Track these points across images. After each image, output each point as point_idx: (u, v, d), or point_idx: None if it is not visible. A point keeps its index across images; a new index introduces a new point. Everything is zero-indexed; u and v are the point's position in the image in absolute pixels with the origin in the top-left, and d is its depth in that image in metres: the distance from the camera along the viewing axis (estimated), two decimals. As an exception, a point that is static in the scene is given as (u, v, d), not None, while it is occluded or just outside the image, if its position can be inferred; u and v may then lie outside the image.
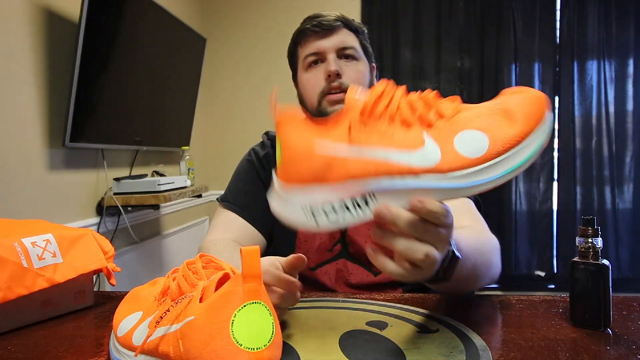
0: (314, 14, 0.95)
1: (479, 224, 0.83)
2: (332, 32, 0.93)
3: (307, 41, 0.94)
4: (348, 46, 0.93)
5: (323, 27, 0.92)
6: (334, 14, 0.94)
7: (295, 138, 0.49)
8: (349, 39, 0.94)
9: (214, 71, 3.09)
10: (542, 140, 0.47)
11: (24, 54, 1.52)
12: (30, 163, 1.55)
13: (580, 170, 3.02)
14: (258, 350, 0.38)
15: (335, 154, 0.47)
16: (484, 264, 0.69)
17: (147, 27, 2.04)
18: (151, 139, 2.19)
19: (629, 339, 0.55)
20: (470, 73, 3.05)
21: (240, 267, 0.40)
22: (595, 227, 0.57)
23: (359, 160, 0.47)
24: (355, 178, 0.47)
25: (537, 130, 0.47)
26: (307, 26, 0.94)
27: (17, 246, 0.64)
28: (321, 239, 0.94)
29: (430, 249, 0.47)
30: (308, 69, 0.94)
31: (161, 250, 2.46)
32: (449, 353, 0.51)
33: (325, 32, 0.92)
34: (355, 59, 0.94)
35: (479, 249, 0.68)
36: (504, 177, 0.46)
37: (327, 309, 0.68)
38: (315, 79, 0.92)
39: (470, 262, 0.63)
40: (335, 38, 0.92)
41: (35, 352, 0.57)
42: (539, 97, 0.48)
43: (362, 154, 0.47)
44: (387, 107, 0.48)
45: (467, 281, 0.66)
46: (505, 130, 0.46)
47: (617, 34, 2.96)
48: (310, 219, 0.48)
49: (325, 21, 0.92)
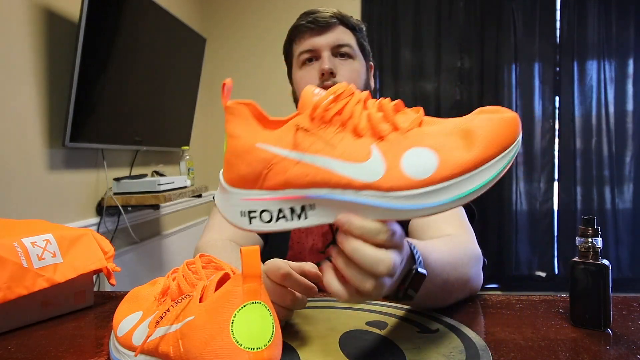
0: (311, 9, 0.93)
1: (463, 234, 0.78)
2: (327, 29, 0.91)
3: (301, 38, 0.92)
4: (343, 44, 0.91)
5: (318, 23, 0.90)
6: (331, 10, 0.92)
7: (240, 136, 0.46)
8: (344, 36, 0.92)
9: (214, 71, 3.09)
10: (501, 168, 0.42)
11: (24, 54, 1.52)
12: (30, 163, 1.55)
13: (581, 170, 3.02)
14: (258, 350, 0.38)
15: (275, 158, 0.44)
16: (458, 279, 0.65)
17: (147, 27, 2.04)
18: (151, 139, 2.19)
19: (629, 339, 0.55)
20: (470, 73, 3.05)
21: (240, 267, 0.40)
22: (595, 227, 0.57)
23: (300, 167, 0.43)
24: (294, 186, 0.44)
25: (499, 157, 0.42)
26: (302, 22, 0.92)
27: (17, 246, 0.64)
28: (314, 240, 0.94)
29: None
30: (302, 66, 0.93)
31: (161, 250, 2.46)
32: (449, 353, 0.51)
33: (320, 29, 0.90)
34: (350, 57, 0.92)
35: (453, 262, 0.64)
36: (449, 203, 0.41)
37: (327, 309, 0.68)
38: (308, 76, 0.91)
39: (442, 278, 0.60)
40: (330, 35, 0.91)
41: (35, 352, 0.57)
42: (510, 120, 0.43)
43: (304, 160, 0.44)
44: (341, 112, 0.45)
45: (437, 297, 0.63)
46: (459, 153, 0.41)
47: (617, 34, 2.96)
48: (245, 220, 0.46)
49: (320, 17, 0.90)
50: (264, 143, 0.45)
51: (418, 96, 3.07)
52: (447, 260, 0.62)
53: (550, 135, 3.06)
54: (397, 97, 3.06)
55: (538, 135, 3.05)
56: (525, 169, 3.06)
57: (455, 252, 0.67)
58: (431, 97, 3.08)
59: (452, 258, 0.64)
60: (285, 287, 0.57)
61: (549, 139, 3.06)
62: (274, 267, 0.56)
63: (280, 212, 0.45)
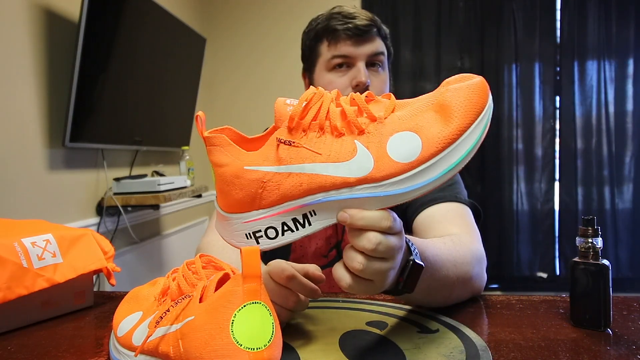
0: (344, 10, 0.89)
1: (467, 234, 0.77)
2: (366, 38, 0.88)
3: (337, 42, 0.89)
4: (378, 53, 0.90)
5: (358, 32, 0.87)
6: (366, 15, 0.90)
7: (226, 163, 0.46)
8: (379, 46, 0.90)
9: (214, 71, 3.09)
10: (480, 132, 0.44)
11: (24, 54, 1.52)
12: (30, 163, 1.55)
13: (581, 170, 3.02)
14: (258, 350, 0.38)
15: (266, 176, 0.44)
16: (459, 277, 0.64)
17: (147, 27, 2.04)
18: (151, 139, 2.19)
19: (629, 339, 0.55)
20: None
21: (240, 267, 0.40)
22: (595, 227, 0.57)
23: (292, 178, 0.44)
24: (291, 198, 0.45)
25: (476, 122, 0.44)
26: (340, 26, 0.88)
27: (17, 246, 0.64)
28: (317, 245, 0.94)
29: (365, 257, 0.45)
30: (332, 70, 0.91)
31: (161, 250, 2.46)
32: (449, 353, 0.51)
33: (360, 39, 0.88)
34: (381, 67, 0.91)
35: (453, 259, 0.64)
36: (442, 177, 0.43)
37: (327, 309, 0.68)
38: (339, 82, 0.89)
39: (441, 274, 0.60)
40: (369, 46, 0.88)
41: (35, 352, 0.57)
42: (478, 85, 0.45)
43: (294, 171, 0.44)
44: (317, 116, 0.45)
45: (437, 294, 0.63)
46: (439, 128, 0.43)
47: (617, 34, 2.96)
48: (252, 242, 0.47)
49: (361, 25, 0.87)
50: (251, 165, 0.45)
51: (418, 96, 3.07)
52: (446, 257, 0.63)
53: (550, 136, 3.06)
54: (397, 97, 3.05)
55: (539, 135, 3.05)
56: (526, 170, 3.06)
57: (456, 249, 0.67)
58: (431, 97, 3.07)
59: (452, 256, 0.64)
60: (288, 289, 0.57)
61: (550, 139, 3.06)
62: (277, 269, 0.56)
63: (284, 225, 0.46)
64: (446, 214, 0.82)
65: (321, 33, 0.92)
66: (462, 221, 0.81)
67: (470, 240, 0.74)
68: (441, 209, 0.83)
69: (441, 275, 0.60)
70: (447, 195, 0.85)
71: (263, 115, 3.04)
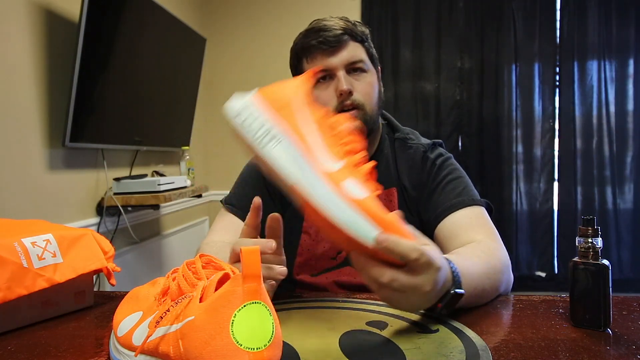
0: (317, 25, 0.90)
1: (492, 240, 0.81)
2: (339, 47, 0.88)
3: (313, 57, 0.90)
4: (357, 60, 0.90)
5: (330, 43, 0.88)
6: (338, 24, 0.90)
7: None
8: (356, 52, 0.90)
9: (214, 71, 3.09)
10: None
11: (24, 54, 1.52)
12: (30, 163, 1.55)
13: (581, 170, 3.02)
14: (258, 350, 0.38)
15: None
16: (492, 287, 0.70)
17: (147, 27, 2.04)
18: (151, 139, 2.19)
19: (629, 339, 0.55)
20: (470, 73, 3.05)
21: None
22: (595, 227, 0.57)
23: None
24: None
25: None
26: (312, 42, 0.89)
27: (17, 246, 0.64)
28: (324, 248, 0.94)
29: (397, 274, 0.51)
30: (317, 84, 0.91)
31: (161, 250, 2.46)
32: (449, 353, 0.51)
33: (332, 49, 0.88)
34: (364, 71, 0.91)
35: (487, 272, 0.69)
36: None
37: (327, 309, 0.68)
38: (325, 95, 0.89)
39: (478, 290, 0.65)
40: (343, 54, 0.88)
41: (35, 352, 0.57)
42: None
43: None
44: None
45: (470, 303, 0.67)
46: None
47: (617, 34, 2.96)
48: (238, 118, 0.55)
49: (330, 36, 0.88)
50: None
51: (418, 96, 3.07)
52: (483, 271, 0.67)
53: (550, 135, 3.05)
54: (397, 97, 3.06)
55: (538, 135, 3.05)
56: (526, 169, 3.06)
57: (488, 261, 0.71)
58: (431, 97, 3.07)
59: (487, 268, 0.69)
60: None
61: (549, 139, 3.05)
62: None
63: (267, 133, 0.55)
64: (469, 221, 0.85)
65: (299, 52, 0.93)
66: (483, 226, 0.84)
67: (496, 247, 0.79)
68: (462, 216, 0.86)
69: (478, 291, 0.65)
70: (465, 199, 0.88)
71: (263, 115, 3.04)
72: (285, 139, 0.54)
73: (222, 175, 3.11)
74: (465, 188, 0.90)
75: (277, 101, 0.57)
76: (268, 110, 0.56)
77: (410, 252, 0.50)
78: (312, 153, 0.53)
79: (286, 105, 0.57)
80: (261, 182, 0.98)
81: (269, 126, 0.54)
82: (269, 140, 0.54)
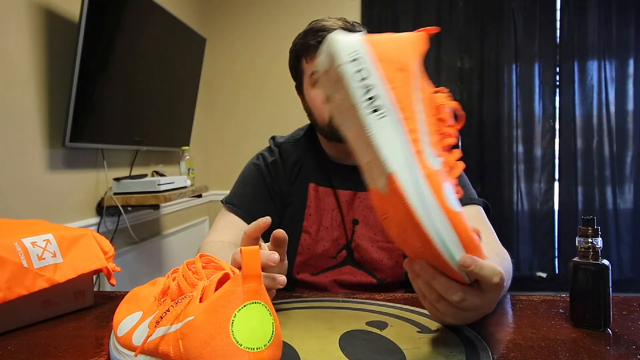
0: (316, 25, 0.91)
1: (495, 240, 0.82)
2: None
3: (312, 57, 0.91)
4: None
5: None
6: (337, 24, 0.90)
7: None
8: None
9: (214, 71, 3.09)
10: None
11: (24, 54, 1.52)
12: (30, 163, 1.55)
13: (582, 170, 3.02)
14: (258, 350, 0.38)
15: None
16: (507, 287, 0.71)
17: (147, 27, 2.04)
18: (151, 139, 2.19)
19: (629, 339, 0.55)
20: (470, 73, 3.05)
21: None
22: (595, 227, 0.57)
23: None
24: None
25: None
26: (312, 42, 0.90)
27: (17, 246, 0.64)
28: (324, 247, 0.94)
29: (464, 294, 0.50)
30: (315, 85, 0.92)
31: (161, 250, 2.46)
32: (449, 353, 0.51)
33: None
34: None
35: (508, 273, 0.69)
36: None
37: (327, 309, 0.68)
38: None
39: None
40: None
41: (35, 352, 0.57)
42: None
43: None
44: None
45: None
46: None
47: (617, 34, 2.96)
48: (353, 65, 0.45)
49: None
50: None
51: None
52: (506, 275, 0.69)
53: (550, 135, 3.05)
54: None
55: (538, 135, 3.05)
56: (526, 169, 3.06)
57: (503, 264, 0.71)
58: (431, 97, 3.07)
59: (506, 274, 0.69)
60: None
61: (550, 139, 3.05)
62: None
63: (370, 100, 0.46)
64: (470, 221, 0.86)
65: (299, 52, 0.94)
66: (483, 225, 0.86)
67: (500, 248, 0.80)
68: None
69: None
70: (463, 198, 0.87)
71: (263, 115, 3.04)
72: (394, 114, 0.45)
73: (222, 175, 3.11)
74: (464, 188, 0.90)
75: (394, 61, 0.47)
76: (382, 69, 0.46)
77: (493, 277, 0.48)
78: (418, 141, 0.45)
79: (404, 68, 0.47)
80: (262, 182, 0.98)
81: (380, 90, 0.45)
82: (376, 107, 0.44)
